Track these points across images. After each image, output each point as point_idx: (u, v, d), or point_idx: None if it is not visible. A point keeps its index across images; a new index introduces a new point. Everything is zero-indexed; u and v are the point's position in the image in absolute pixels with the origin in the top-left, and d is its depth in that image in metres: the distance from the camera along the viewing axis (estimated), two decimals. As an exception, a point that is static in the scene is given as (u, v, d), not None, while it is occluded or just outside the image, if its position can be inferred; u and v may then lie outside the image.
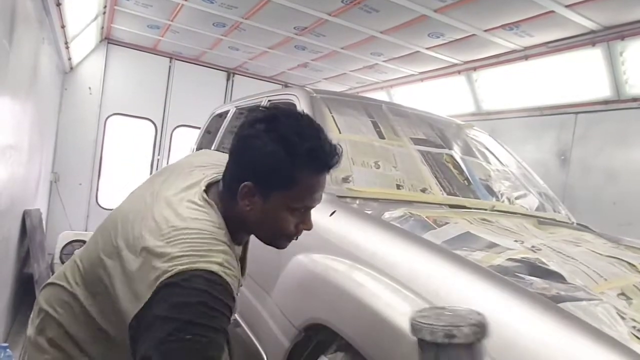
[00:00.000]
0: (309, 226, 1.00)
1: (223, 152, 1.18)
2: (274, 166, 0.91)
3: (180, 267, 0.81)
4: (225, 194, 0.98)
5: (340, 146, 0.97)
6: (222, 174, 1.02)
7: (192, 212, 0.92)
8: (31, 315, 1.10)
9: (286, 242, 1.03)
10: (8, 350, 2.27)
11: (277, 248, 1.04)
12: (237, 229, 0.99)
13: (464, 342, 0.72)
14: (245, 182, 0.92)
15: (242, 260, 1.15)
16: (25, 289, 3.41)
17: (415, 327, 0.76)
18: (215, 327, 0.80)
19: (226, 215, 0.97)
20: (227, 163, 1.00)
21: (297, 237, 1.03)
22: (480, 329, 0.73)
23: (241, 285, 1.10)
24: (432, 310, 0.80)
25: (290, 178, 0.92)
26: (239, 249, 1.09)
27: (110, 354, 1.01)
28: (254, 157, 0.92)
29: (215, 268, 0.83)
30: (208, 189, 1.00)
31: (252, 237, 1.10)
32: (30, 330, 1.07)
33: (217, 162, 1.11)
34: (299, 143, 0.90)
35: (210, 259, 0.84)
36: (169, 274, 0.81)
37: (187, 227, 0.88)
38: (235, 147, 0.97)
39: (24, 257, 3.56)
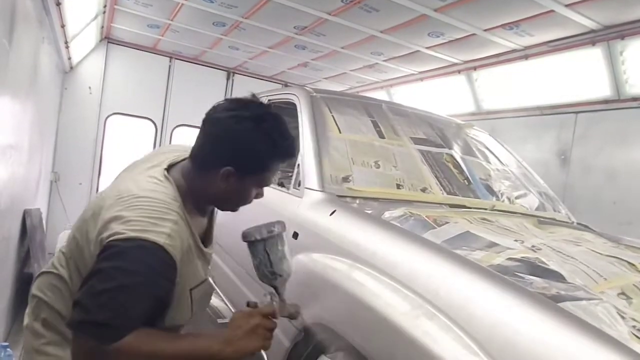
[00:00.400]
0: (262, 195, 1.18)
1: None
2: (258, 159, 1.08)
3: (132, 234, 0.91)
4: (196, 172, 1.10)
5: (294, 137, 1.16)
6: (183, 157, 1.16)
7: (150, 185, 1.05)
8: (27, 310, 1.15)
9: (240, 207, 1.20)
10: (8, 349, 2.27)
11: (232, 211, 1.19)
12: (202, 201, 1.14)
13: (278, 232, 1.10)
14: (227, 167, 1.05)
15: (209, 230, 1.25)
16: (25, 289, 3.39)
17: (247, 234, 1.09)
18: (148, 295, 0.91)
19: (193, 189, 1.10)
20: (203, 145, 1.10)
21: None
22: (283, 224, 1.13)
23: (211, 254, 1.22)
24: (253, 226, 1.11)
25: (267, 167, 1.11)
26: (204, 220, 1.21)
27: None
28: (241, 151, 1.06)
29: (162, 240, 0.93)
30: (170, 168, 1.13)
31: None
32: (26, 320, 1.13)
33: (180, 149, 1.24)
34: (281, 142, 1.08)
35: (159, 228, 0.94)
36: (119, 236, 0.91)
37: (144, 196, 1.00)
38: (218, 135, 1.08)
39: (24, 257, 3.56)
